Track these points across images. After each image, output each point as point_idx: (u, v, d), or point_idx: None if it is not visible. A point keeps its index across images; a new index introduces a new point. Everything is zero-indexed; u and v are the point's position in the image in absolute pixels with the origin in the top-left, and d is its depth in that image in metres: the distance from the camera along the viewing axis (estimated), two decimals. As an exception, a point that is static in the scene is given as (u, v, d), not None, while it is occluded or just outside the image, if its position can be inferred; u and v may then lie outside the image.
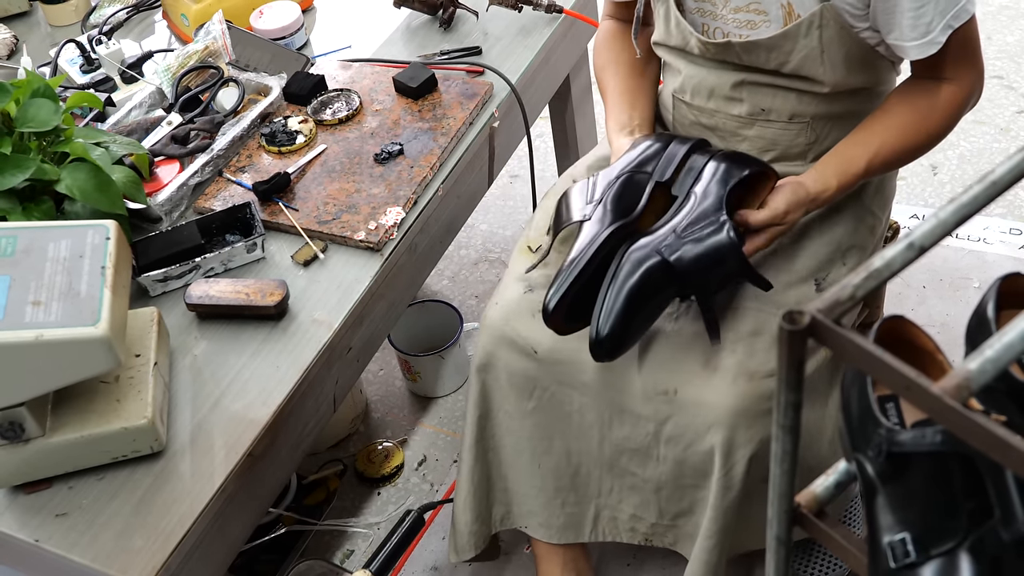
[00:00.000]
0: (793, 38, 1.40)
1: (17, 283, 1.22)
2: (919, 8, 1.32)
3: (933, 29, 1.33)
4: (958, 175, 2.46)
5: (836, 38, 1.39)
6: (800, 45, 1.40)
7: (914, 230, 0.72)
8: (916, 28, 1.34)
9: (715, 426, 1.40)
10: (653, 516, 1.54)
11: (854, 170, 1.42)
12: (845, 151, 1.43)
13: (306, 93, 1.75)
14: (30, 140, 1.46)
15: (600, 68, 1.64)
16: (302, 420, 1.42)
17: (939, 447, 0.77)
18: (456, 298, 2.35)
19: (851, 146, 1.43)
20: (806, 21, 1.38)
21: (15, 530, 1.26)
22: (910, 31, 1.34)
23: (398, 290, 1.59)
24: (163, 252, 1.52)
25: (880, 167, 1.44)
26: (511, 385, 1.53)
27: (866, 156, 1.42)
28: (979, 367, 0.64)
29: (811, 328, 0.68)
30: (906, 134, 1.42)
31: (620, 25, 1.66)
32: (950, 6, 1.32)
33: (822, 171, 1.42)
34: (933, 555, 0.78)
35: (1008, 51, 2.78)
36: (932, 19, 1.33)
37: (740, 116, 1.51)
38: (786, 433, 0.75)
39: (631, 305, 1.32)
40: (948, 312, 2.16)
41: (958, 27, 1.33)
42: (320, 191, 1.61)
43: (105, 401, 1.29)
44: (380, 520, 1.96)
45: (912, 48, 1.36)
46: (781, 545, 0.85)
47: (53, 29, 2.12)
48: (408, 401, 2.17)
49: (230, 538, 1.35)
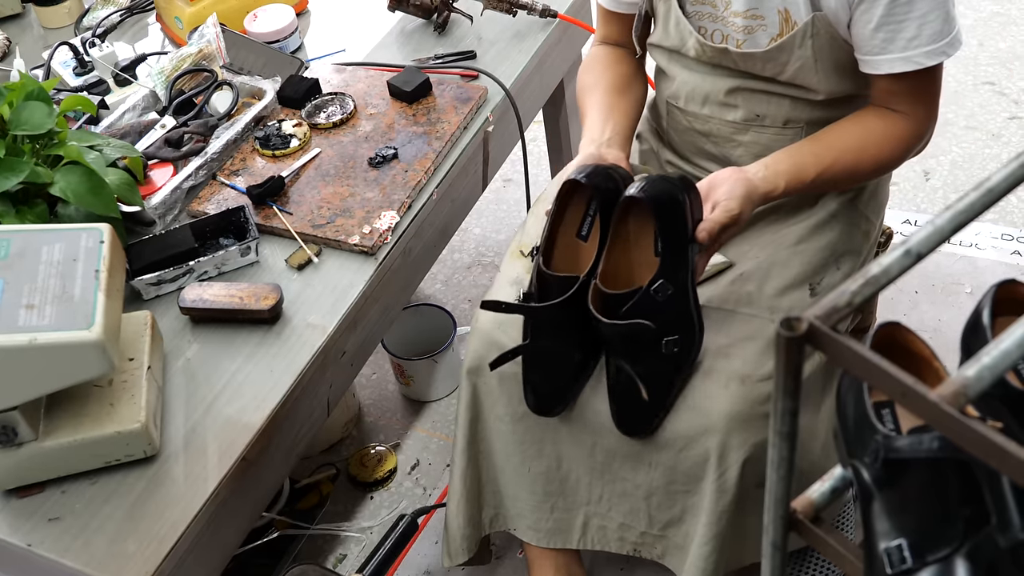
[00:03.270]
0: (788, 50, 1.40)
1: (10, 286, 1.21)
2: (900, 21, 1.32)
3: (913, 47, 1.33)
4: (950, 181, 2.47)
5: (827, 47, 1.39)
6: (795, 56, 1.40)
7: (911, 237, 0.72)
8: (894, 41, 1.34)
9: (709, 430, 1.40)
10: (642, 525, 1.54)
11: (803, 178, 1.41)
12: (799, 159, 1.42)
13: (300, 96, 1.75)
14: (23, 143, 1.45)
15: (581, 90, 1.62)
16: (296, 424, 1.42)
17: (936, 453, 0.78)
18: (449, 302, 2.35)
19: (806, 155, 1.42)
20: (800, 32, 1.38)
21: (7, 535, 1.26)
22: (888, 43, 1.34)
23: (392, 294, 1.59)
24: (157, 255, 1.52)
25: (825, 183, 1.44)
26: (502, 389, 1.53)
27: (817, 169, 1.41)
28: (976, 374, 0.64)
29: (808, 335, 0.68)
30: (860, 156, 1.43)
31: (608, 50, 1.65)
32: (939, 31, 1.33)
33: (774, 170, 1.40)
34: (929, 561, 0.78)
35: (999, 57, 2.79)
36: (914, 36, 1.33)
37: (735, 122, 1.51)
38: (783, 439, 0.75)
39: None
40: (940, 317, 2.16)
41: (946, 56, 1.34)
42: (314, 195, 1.61)
43: (98, 405, 1.29)
44: (373, 524, 1.96)
45: (886, 62, 1.36)
46: (777, 551, 0.85)
47: (46, 31, 2.11)
48: (401, 405, 2.17)
49: (223, 542, 1.34)
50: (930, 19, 1.32)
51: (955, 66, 2.76)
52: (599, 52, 1.65)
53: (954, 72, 2.74)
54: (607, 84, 1.59)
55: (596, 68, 1.62)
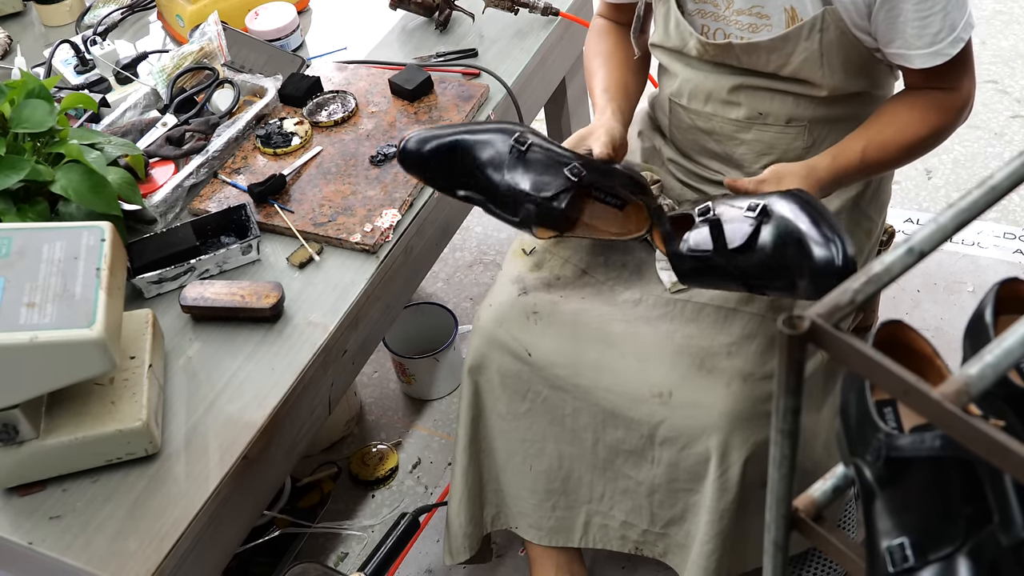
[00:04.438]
0: (794, 40, 1.40)
1: (12, 285, 1.21)
2: (925, 17, 1.33)
3: (940, 40, 1.34)
4: (952, 179, 2.47)
5: (836, 42, 1.39)
6: (800, 48, 1.40)
7: (913, 235, 0.72)
8: (922, 37, 1.35)
9: (710, 429, 1.40)
10: (644, 523, 1.54)
11: (849, 154, 1.41)
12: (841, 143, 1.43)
13: (302, 95, 1.75)
14: (25, 141, 1.45)
15: (590, 57, 1.63)
16: (297, 423, 1.42)
17: (938, 452, 0.77)
18: (451, 300, 2.35)
19: (847, 139, 1.43)
20: (807, 24, 1.38)
21: (8, 533, 1.26)
22: (916, 39, 1.35)
23: (394, 292, 1.58)
24: (158, 254, 1.51)
25: (875, 161, 1.42)
26: (504, 387, 1.53)
27: (861, 144, 1.41)
28: (979, 372, 0.64)
29: (811, 333, 0.68)
30: (902, 129, 1.42)
31: (613, 24, 1.66)
32: (958, 18, 1.34)
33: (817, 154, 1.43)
34: (931, 560, 0.78)
35: (1002, 56, 2.79)
36: (940, 30, 1.34)
37: (737, 120, 1.51)
38: (785, 438, 0.75)
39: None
40: (942, 316, 2.16)
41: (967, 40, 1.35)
42: (316, 193, 1.61)
43: (99, 403, 1.29)
44: (374, 523, 1.96)
45: (918, 57, 1.37)
46: (779, 550, 0.84)
47: (47, 29, 2.11)
48: (403, 403, 2.17)
49: (224, 541, 1.34)
50: (950, 9, 1.33)
51: (957, 64, 2.76)
52: (605, 25, 1.66)
53: (956, 70, 2.74)
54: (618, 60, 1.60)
55: (606, 40, 1.63)
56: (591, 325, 1.48)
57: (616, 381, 1.45)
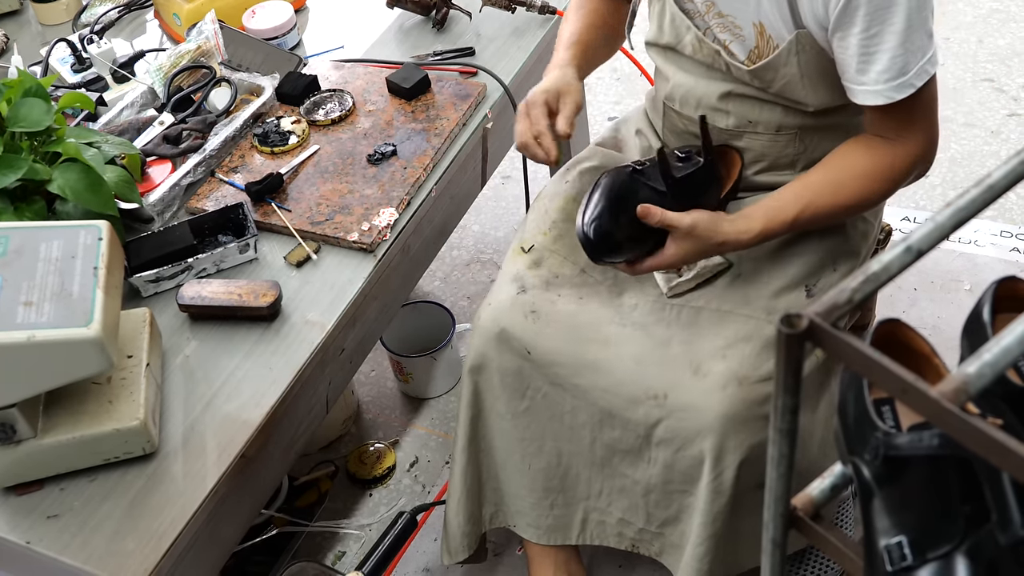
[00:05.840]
0: (774, 68, 1.39)
1: (9, 284, 1.21)
2: (871, 53, 1.28)
3: (883, 80, 1.29)
4: (949, 178, 2.47)
5: (814, 61, 1.37)
6: (781, 74, 1.39)
7: (911, 234, 0.72)
8: (866, 73, 1.30)
9: (705, 431, 1.40)
10: (641, 521, 1.54)
11: (782, 217, 1.39)
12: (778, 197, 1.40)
13: (299, 93, 1.75)
14: (22, 140, 1.45)
15: (568, 11, 1.64)
16: (295, 421, 1.42)
17: (936, 450, 0.78)
18: (448, 299, 2.35)
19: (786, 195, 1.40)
20: (785, 49, 1.36)
21: (6, 532, 1.26)
22: (859, 74, 1.30)
23: (391, 291, 1.58)
24: (155, 253, 1.51)
25: (808, 221, 1.40)
26: (503, 386, 1.53)
27: (796, 208, 1.38)
28: (977, 371, 0.64)
29: (809, 331, 0.68)
30: (837, 194, 1.39)
31: None
32: (910, 63, 1.28)
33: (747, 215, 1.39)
34: (930, 558, 0.78)
35: (999, 54, 2.79)
36: (885, 69, 1.28)
37: (728, 128, 1.50)
38: (783, 437, 0.75)
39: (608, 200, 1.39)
40: (939, 314, 2.16)
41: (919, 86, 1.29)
42: (313, 192, 1.61)
43: (97, 402, 1.29)
44: (372, 522, 1.96)
45: (860, 92, 1.32)
46: (777, 548, 0.85)
47: (44, 28, 2.11)
48: (400, 402, 2.17)
49: (222, 540, 1.34)
50: (901, 52, 1.27)
51: (954, 63, 2.76)
52: None
53: (953, 69, 2.74)
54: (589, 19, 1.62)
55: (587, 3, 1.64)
56: (589, 326, 1.48)
57: (613, 382, 1.45)
